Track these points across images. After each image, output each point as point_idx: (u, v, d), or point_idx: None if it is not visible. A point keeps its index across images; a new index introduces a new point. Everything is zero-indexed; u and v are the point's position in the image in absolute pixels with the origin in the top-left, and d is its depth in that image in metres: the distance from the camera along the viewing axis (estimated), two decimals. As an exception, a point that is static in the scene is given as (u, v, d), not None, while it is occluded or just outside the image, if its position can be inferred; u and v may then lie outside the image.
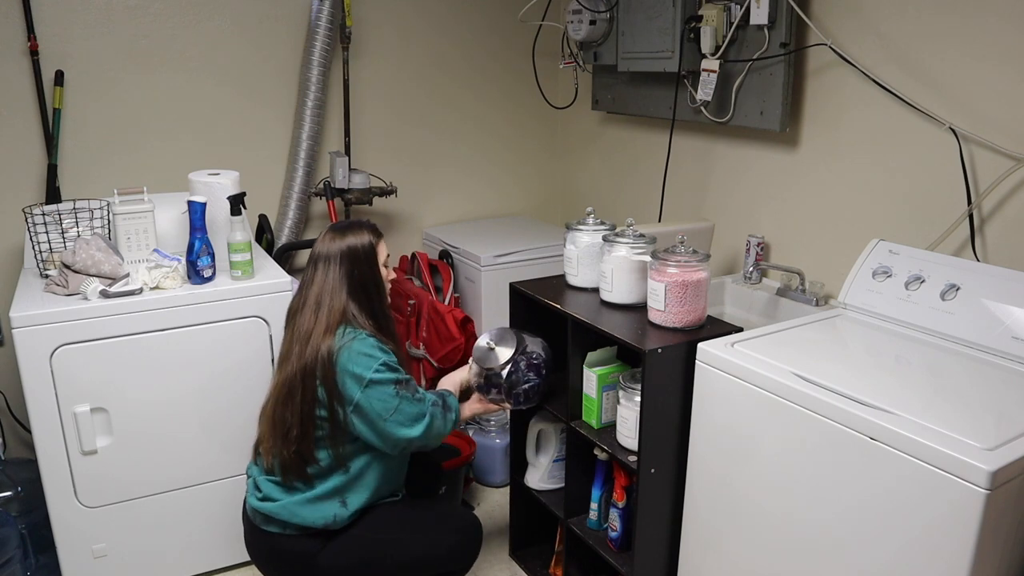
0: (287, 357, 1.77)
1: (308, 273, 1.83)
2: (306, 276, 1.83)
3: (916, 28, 1.95)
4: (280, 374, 1.78)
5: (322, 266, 1.80)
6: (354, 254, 1.80)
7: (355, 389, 1.70)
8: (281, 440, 1.75)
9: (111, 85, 2.55)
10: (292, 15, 2.77)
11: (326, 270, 1.79)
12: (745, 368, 1.54)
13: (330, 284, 1.78)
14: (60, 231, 2.13)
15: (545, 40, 3.13)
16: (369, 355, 1.72)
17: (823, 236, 2.27)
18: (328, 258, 1.80)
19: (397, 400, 1.72)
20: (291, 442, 1.73)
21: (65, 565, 2.06)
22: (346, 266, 1.79)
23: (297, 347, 1.75)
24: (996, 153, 1.83)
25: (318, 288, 1.78)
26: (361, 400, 1.70)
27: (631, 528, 1.84)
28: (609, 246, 1.90)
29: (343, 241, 1.81)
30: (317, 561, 1.76)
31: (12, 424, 2.58)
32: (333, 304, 1.76)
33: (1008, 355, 1.55)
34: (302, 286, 1.83)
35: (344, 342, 1.72)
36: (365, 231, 1.85)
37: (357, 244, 1.81)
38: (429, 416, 1.77)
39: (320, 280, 1.79)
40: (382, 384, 1.71)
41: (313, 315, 1.76)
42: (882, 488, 1.30)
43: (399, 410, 1.73)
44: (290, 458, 1.74)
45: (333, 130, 2.94)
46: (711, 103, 2.40)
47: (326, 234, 1.84)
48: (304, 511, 1.74)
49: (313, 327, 1.75)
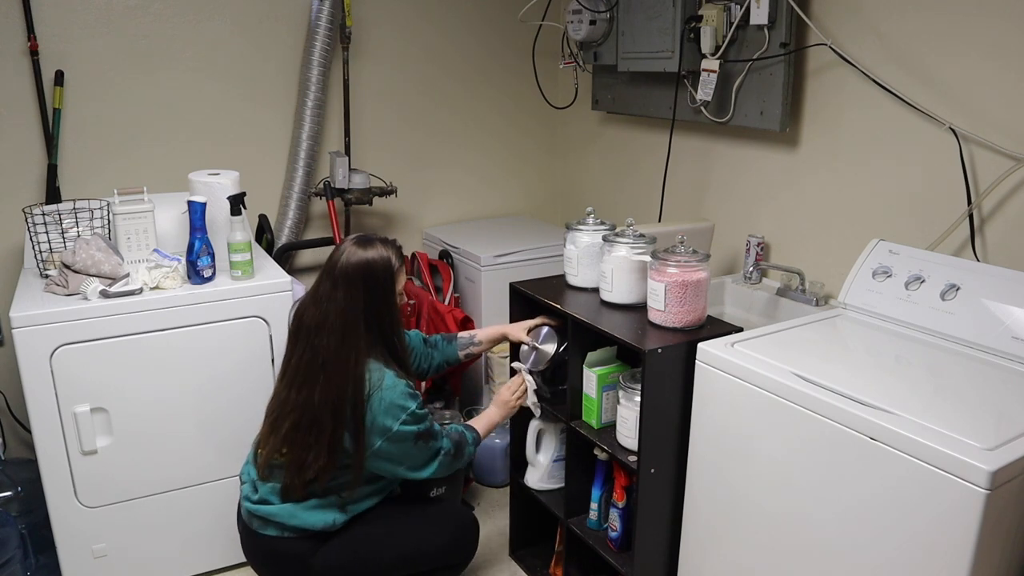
0: (311, 381, 1.71)
1: (325, 286, 1.74)
2: (323, 287, 1.75)
3: (916, 28, 1.95)
4: (299, 393, 1.72)
5: (342, 286, 1.72)
6: (373, 277, 1.73)
7: (378, 439, 1.71)
8: (296, 466, 1.72)
9: (111, 85, 2.55)
10: (292, 15, 2.77)
11: (347, 292, 1.72)
12: (745, 368, 1.54)
13: (352, 313, 1.71)
14: (60, 231, 2.12)
15: (545, 40, 3.13)
16: (401, 406, 1.71)
17: (823, 236, 2.27)
18: (348, 276, 1.72)
19: (415, 450, 1.76)
20: (308, 471, 1.71)
21: (65, 565, 2.05)
22: (364, 293, 1.72)
23: (324, 376, 1.69)
24: (996, 153, 1.83)
25: (338, 312, 1.71)
26: (382, 447, 1.72)
27: (631, 528, 1.84)
28: (609, 246, 1.90)
29: (364, 254, 1.74)
30: (313, 561, 1.76)
31: (12, 424, 2.58)
32: (359, 335, 1.71)
33: (1008, 355, 1.55)
34: (317, 297, 1.75)
35: (375, 388, 1.70)
36: (390, 250, 1.78)
37: (378, 262, 1.74)
38: (437, 464, 1.80)
39: (340, 303, 1.71)
40: (405, 437, 1.73)
41: (339, 344, 1.70)
42: (882, 488, 1.30)
43: (412, 456, 1.76)
44: (298, 484, 1.72)
45: (333, 130, 2.94)
46: (711, 103, 2.39)
47: (349, 243, 1.78)
48: (304, 515, 1.74)
49: (342, 361, 1.69)
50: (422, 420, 1.75)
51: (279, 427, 1.75)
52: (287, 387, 1.76)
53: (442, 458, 1.80)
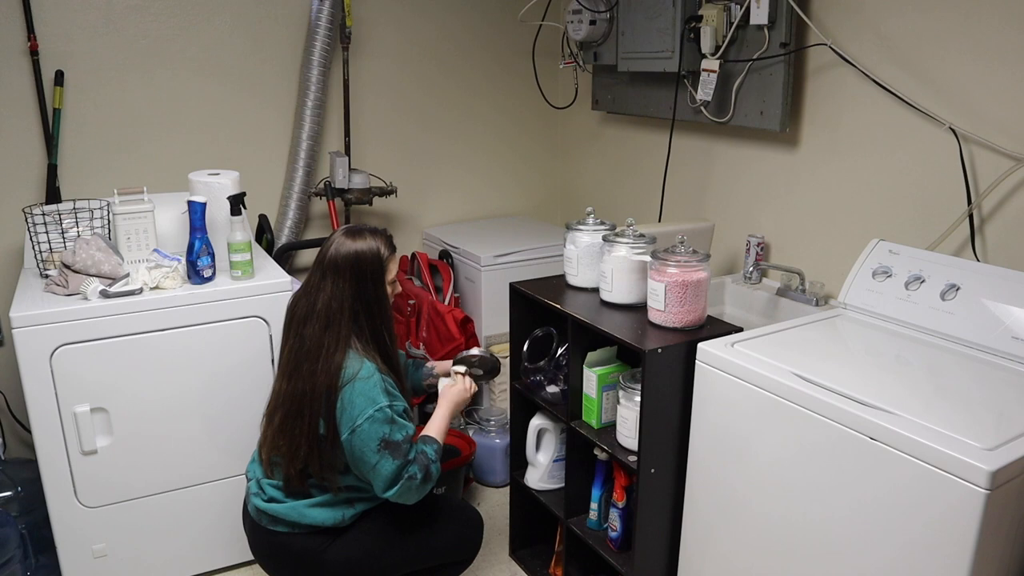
0: (297, 370, 1.73)
1: (315, 277, 1.76)
2: (313, 278, 1.77)
3: (916, 28, 1.95)
4: (288, 383, 1.74)
5: (330, 275, 1.73)
6: (361, 267, 1.74)
7: (345, 430, 1.67)
8: (289, 456, 1.73)
9: (111, 85, 2.55)
10: (292, 15, 2.77)
11: (335, 281, 1.73)
12: (745, 368, 1.54)
13: (337, 301, 1.72)
14: (60, 231, 2.12)
15: (545, 40, 3.13)
16: (371, 398, 1.66)
17: (823, 236, 2.27)
18: (336, 267, 1.73)
19: (377, 457, 1.65)
20: (299, 460, 1.72)
21: (65, 565, 2.06)
22: (352, 283, 1.73)
23: (307, 364, 1.71)
24: (996, 153, 1.83)
25: (325, 301, 1.72)
26: (346, 440, 1.67)
27: (631, 528, 1.84)
28: (609, 246, 1.90)
29: (353, 245, 1.75)
30: (324, 556, 1.76)
31: (12, 424, 2.58)
32: (341, 324, 1.71)
33: (1008, 355, 1.55)
34: (308, 288, 1.78)
35: (350, 378, 1.67)
36: (380, 240, 1.78)
37: (367, 253, 1.75)
38: (400, 488, 1.67)
39: (328, 292, 1.73)
40: (369, 436, 1.65)
41: (323, 332, 1.71)
42: (882, 488, 1.30)
43: (372, 463, 1.66)
44: (294, 474, 1.73)
45: (333, 130, 2.94)
46: (711, 103, 2.39)
47: (339, 234, 1.79)
48: (312, 512, 1.75)
49: (323, 348, 1.70)
50: (392, 423, 1.67)
51: (274, 419, 1.77)
52: (279, 378, 1.79)
53: (406, 482, 1.67)
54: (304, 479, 1.74)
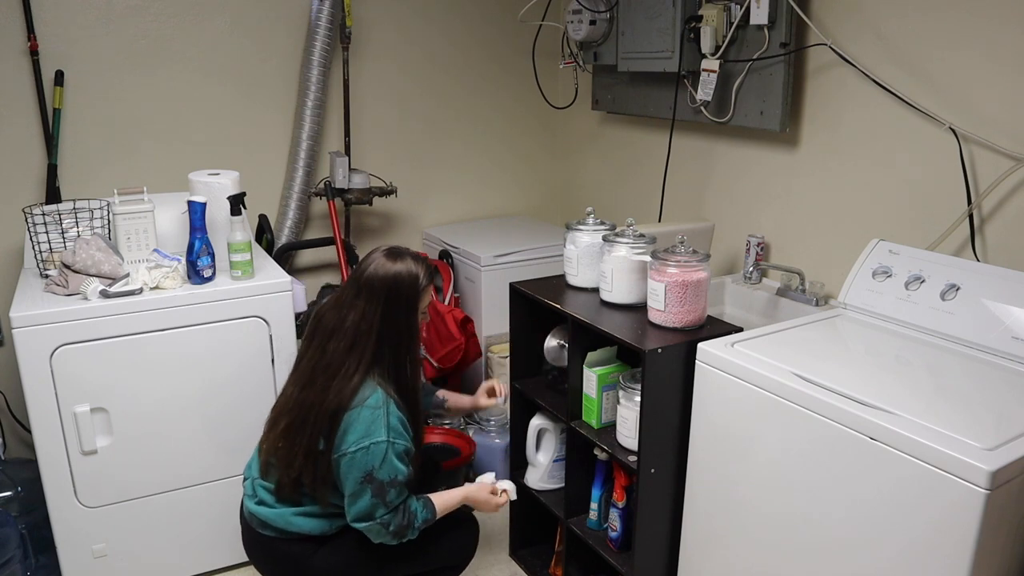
0: (312, 382, 1.71)
1: (349, 292, 1.73)
2: (347, 294, 1.74)
3: (916, 28, 1.95)
4: (300, 391, 1.73)
5: (364, 294, 1.71)
6: (397, 291, 1.71)
7: (336, 453, 1.66)
8: (285, 462, 1.72)
9: (111, 85, 2.55)
10: (292, 15, 2.78)
11: (368, 300, 1.70)
12: (745, 368, 1.54)
13: (367, 322, 1.69)
14: (60, 231, 2.12)
15: (545, 40, 3.13)
16: (368, 431, 1.63)
17: (823, 236, 2.27)
18: (372, 287, 1.71)
19: (359, 489, 1.64)
20: (294, 469, 1.71)
21: (65, 565, 2.06)
22: (384, 305, 1.70)
23: (323, 379, 1.70)
24: (996, 153, 1.83)
25: (355, 320, 1.70)
26: (336, 462, 1.66)
27: (631, 528, 1.84)
28: (609, 246, 1.90)
29: (392, 267, 1.72)
30: (313, 562, 1.76)
31: (12, 424, 2.58)
32: (366, 348, 1.69)
33: (1008, 355, 1.55)
34: (340, 301, 1.75)
35: (359, 402, 1.65)
36: (420, 267, 1.75)
37: (405, 278, 1.72)
38: (369, 526, 1.67)
39: (359, 311, 1.70)
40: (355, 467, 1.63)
41: (346, 353, 1.69)
42: (882, 488, 1.30)
43: (353, 494, 1.65)
44: (288, 482, 1.73)
45: (333, 130, 2.94)
46: (711, 103, 2.40)
47: (379, 254, 1.76)
48: (299, 521, 1.75)
49: (343, 368, 1.68)
50: (384, 461, 1.63)
51: (278, 423, 1.76)
52: (292, 384, 1.78)
53: (376, 525, 1.66)
54: (297, 487, 1.73)
